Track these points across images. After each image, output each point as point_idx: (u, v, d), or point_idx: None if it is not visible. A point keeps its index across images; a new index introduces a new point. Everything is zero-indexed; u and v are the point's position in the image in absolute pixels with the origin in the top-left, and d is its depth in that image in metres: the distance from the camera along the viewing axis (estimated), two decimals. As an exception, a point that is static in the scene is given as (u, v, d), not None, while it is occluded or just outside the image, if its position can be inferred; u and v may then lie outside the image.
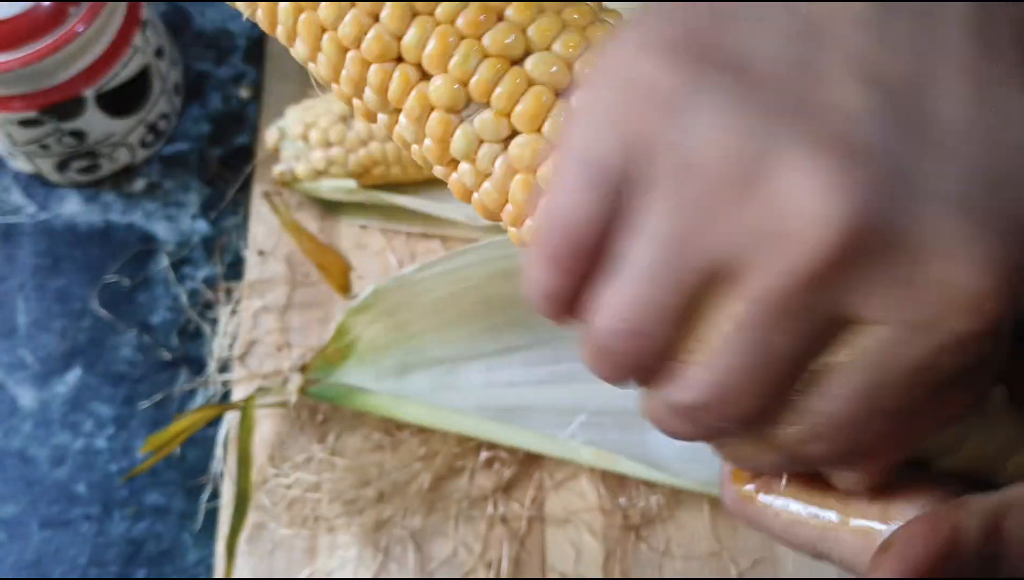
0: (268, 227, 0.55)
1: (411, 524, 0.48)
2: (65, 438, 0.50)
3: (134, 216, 0.56)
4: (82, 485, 0.50)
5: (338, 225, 0.55)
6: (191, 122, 0.58)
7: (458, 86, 0.25)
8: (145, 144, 0.56)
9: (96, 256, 0.55)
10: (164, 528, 0.49)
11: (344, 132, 0.51)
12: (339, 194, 0.53)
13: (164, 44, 0.56)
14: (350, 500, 0.48)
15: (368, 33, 0.25)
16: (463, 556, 0.47)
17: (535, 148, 0.24)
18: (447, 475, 0.49)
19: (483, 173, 0.25)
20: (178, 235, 0.55)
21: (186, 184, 0.57)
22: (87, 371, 0.52)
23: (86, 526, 0.49)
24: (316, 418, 0.50)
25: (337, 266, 0.53)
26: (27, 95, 0.49)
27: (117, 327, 0.53)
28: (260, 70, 0.59)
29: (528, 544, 0.48)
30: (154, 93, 0.55)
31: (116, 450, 0.50)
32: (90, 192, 0.56)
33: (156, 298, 0.54)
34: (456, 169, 0.26)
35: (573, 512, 0.48)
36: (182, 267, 0.54)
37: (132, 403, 0.51)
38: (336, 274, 0.53)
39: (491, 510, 0.48)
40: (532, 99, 0.24)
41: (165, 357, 0.52)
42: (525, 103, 0.24)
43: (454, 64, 0.24)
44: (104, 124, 0.53)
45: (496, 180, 0.25)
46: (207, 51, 0.60)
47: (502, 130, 0.25)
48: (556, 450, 0.47)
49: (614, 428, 0.48)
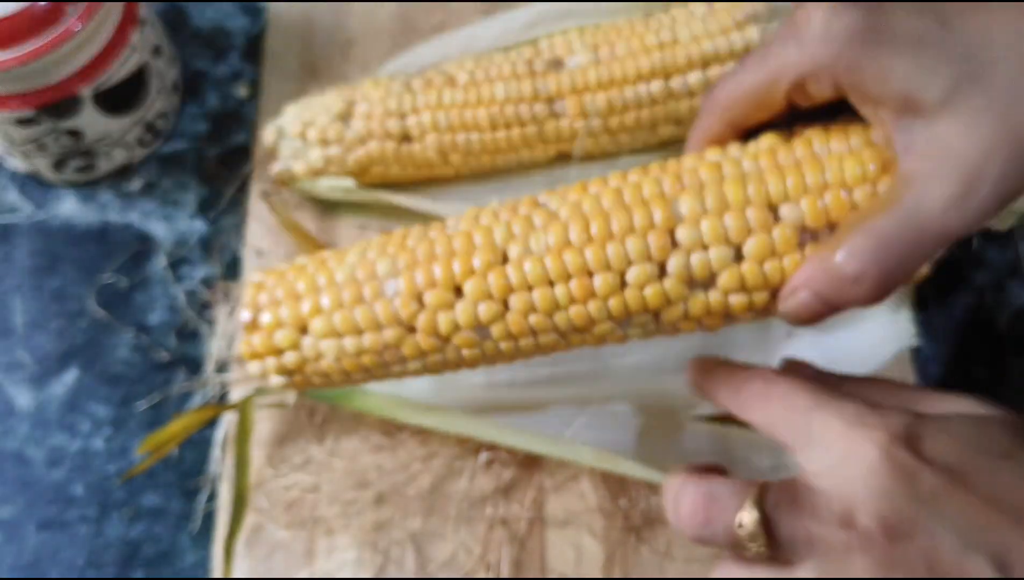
0: (266, 226, 0.54)
1: (410, 526, 0.48)
2: (62, 439, 0.50)
3: (131, 215, 0.55)
4: (79, 486, 0.49)
5: (336, 224, 0.55)
6: (189, 121, 0.58)
7: None
8: (142, 143, 0.56)
9: (93, 256, 0.54)
10: (162, 529, 0.49)
11: (342, 131, 0.51)
12: (337, 193, 0.53)
13: (161, 43, 0.56)
14: (349, 501, 0.48)
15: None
16: (463, 558, 0.47)
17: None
18: (446, 477, 0.49)
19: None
20: (175, 234, 0.55)
21: (184, 183, 0.56)
22: (84, 372, 0.52)
23: (83, 527, 0.49)
24: (315, 419, 0.50)
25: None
26: (24, 94, 0.49)
27: (114, 327, 0.53)
28: (258, 69, 0.59)
29: (528, 546, 0.47)
30: (151, 92, 0.55)
31: (113, 451, 0.50)
32: (87, 191, 0.56)
33: (153, 298, 0.53)
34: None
35: (573, 514, 0.48)
36: (180, 267, 0.54)
37: (129, 404, 0.51)
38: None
39: (491, 512, 0.48)
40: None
41: (163, 357, 0.52)
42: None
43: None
44: (101, 123, 0.53)
45: None
46: (205, 50, 0.60)
47: None
48: (557, 451, 0.47)
49: (615, 429, 0.48)
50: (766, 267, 0.35)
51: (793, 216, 0.35)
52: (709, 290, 0.36)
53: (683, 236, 0.35)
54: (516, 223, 0.37)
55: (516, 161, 0.53)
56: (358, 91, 0.52)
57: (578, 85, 0.50)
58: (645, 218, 0.35)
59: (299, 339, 0.40)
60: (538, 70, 0.51)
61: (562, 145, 0.52)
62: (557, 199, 0.38)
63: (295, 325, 0.40)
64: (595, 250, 0.36)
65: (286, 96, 0.57)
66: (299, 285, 0.40)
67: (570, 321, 0.37)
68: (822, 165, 0.35)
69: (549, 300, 0.37)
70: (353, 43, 0.59)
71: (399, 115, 0.51)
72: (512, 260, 0.37)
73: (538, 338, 0.38)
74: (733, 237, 0.35)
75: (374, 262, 0.39)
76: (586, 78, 0.50)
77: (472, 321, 0.38)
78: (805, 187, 0.35)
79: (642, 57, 0.50)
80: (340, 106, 0.51)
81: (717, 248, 0.35)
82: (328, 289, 0.39)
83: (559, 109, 0.51)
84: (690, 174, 0.36)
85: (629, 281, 0.36)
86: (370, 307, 0.38)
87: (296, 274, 0.41)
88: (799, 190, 0.35)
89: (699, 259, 0.35)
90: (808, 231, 0.35)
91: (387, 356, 0.39)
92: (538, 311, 0.37)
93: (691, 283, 0.36)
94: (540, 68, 0.51)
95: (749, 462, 0.47)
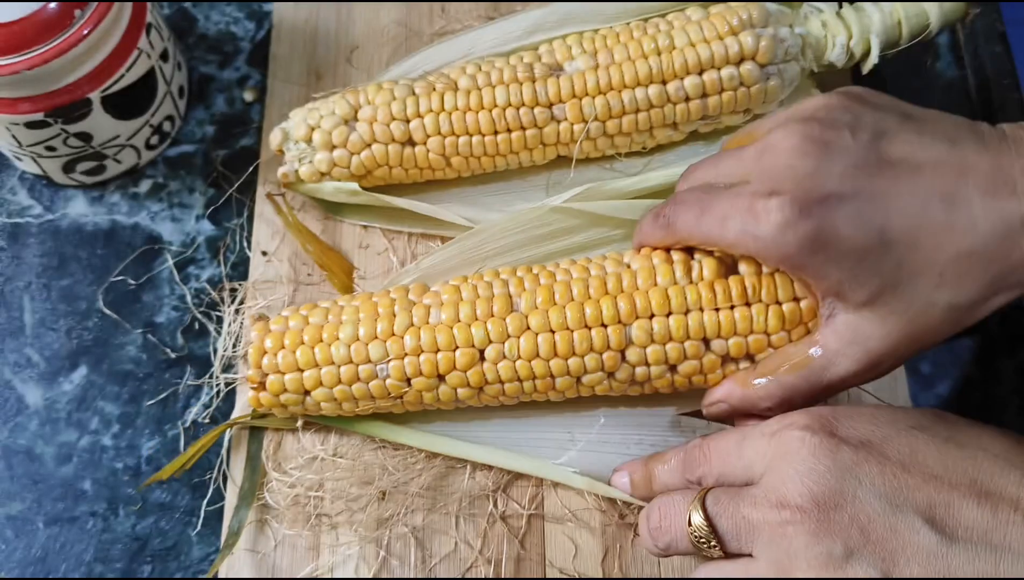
0: (271, 228, 0.55)
1: (412, 521, 0.48)
2: (71, 436, 0.51)
3: (139, 217, 0.56)
4: (88, 482, 0.50)
5: (340, 226, 0.55)
6: (196, 124, 0.59)
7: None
8: (150, 146, 0.57)
9: (102, 256, 0.55)
10: (169, 525, 0.49)
11: (347, 134, 0.52)
12: (341, 196, 0.54)
13: (169, 47, 0.56)
14: (352, 498, 0.48)
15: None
16: (464, 553, 0.48)
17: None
18: (447, 474, 0.49)
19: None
20: (183, 236, 0.56)
21: (191, 185, 0.57)
22: (93, 370, 0.52)
23: (92, 523, 0.49)
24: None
25: (340, 266, 0.54)
26: (33, 97, 0.50)
27: (122, 326, 0.53)
28: (264, 73, 0.60)
29: (527, 541, 0.48)
30: (159, 95, 0.55)
31: (121, 448, 0.51)
32: (96, 193, 0.57)
33: (161, 298, 0.54)
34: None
35: (572, 510, 0.48)
36: (187, 267, 0.55)
37: (137, 401, 0.52)
38: (339, 274, 0.54)
39: (491, 508, 0.48)
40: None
41: (170, 356, 0.53)
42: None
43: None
44: (110, 126, 0.53)
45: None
46: (212, 54, 0.61)
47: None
48: (550, 474, 0.48)
49: (605, 425, 0.49)
50: (692, 379, 0.46)
51: (720, 348, 0.45)
52: (644, 384, 0.46)
53: (632, 356, 0.45)
54: (492, 326, 0.45)
55: (516, 162, 0.54)
56: (362, 95, 0.53)
57: (577, 90, 0.51)
58: (602, 341, 0.44)
59: (302, 399, 0.47)
60: (538, 75, 0.51)
61: (561, 148, 0.53)
62: (527, 300, 0.45)
63: (298, 391, 0.46)
64: (559, 363, 0.45)
65: (292, 100, 0.58)
66: (299, 356, 0.46)
67: (531, 398, 0.47)
68: (750, 314, 0.44)
69: (517, 390, 0.46)
70: (357, 48, 0.60)
71: (403, 119, 0.51)
72: (488, 359, 0.45)
73: (503, 404, 0.48)
74: (671, 359, 0.45)
75: (367, 346, 0.45)
76: (585, 83, 0.51)
77: (451, 398, 0.46)
78: (734, 329, 0.44)
79: (639, 62, 0.51)
80: (344, 110, 0.52)
81: (657, 367, 0.45)
82: (326, 365, 0.46)
83: (558, 114, 0.52)
84: (642, 298, 0.44)
85: (583, 382, 0.46)
86: (365, 384, 0.46)
87: (294, 342, 0.46)
88: (729, 330, 0.44)
89: (642, 372, 0.45)
90: (731, 359, 0.45)
91: (376, 411, 0.48)
92: (507, 396, 0.46)
93: (631, 384, 0.46)
94: (540, 73, 0.51)
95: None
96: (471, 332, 0.45)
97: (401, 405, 0.47)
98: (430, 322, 0.45)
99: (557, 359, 0.45)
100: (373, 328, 0.46)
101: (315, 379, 0.46)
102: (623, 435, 0.49)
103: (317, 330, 0.46)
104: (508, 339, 0.45)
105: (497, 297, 0.46)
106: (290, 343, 0.46)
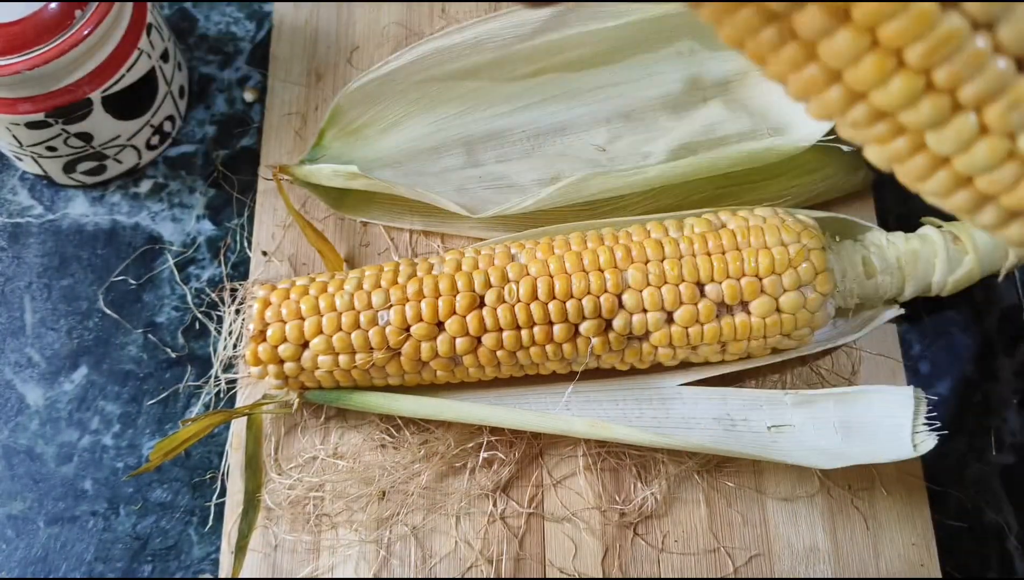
0: (272, 228, 0.55)
1: (412, 521, 0.48)
2: (72, 435, 0.51)
3: (140, 217, 0.56)
4: (89, 482, 0.50)
5: (341, 225, 0.55)
6: (196, 124, 0.59)
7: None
8: (151, 146, 0.57)
9: (102, 256, 0.55)
10: (170, 524, 0.49)
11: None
12: (339, 180, 0.53)
13: (170, 47, 0.56)
14: (352, 498, 0.49)
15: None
16: (464, 552, 0.48)
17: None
18: (447, 474, 0.49)
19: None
20: (183, 236, 0.56)
21: (191, 185, 0.57)
22: (93, 369, 0.53)
23: (92, 522, 0.49)
24: (319, 418, 0.50)
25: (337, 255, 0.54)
26: (34, 98, 0.50)
27: (123, 326, 0.53)
28: (264, 73, 0.60)
29: (527, 541, 0.48)
30: (160, 96, 0.55)
31: (122, 447, 0.51)
32: (96, 193, 0.57)
33: (162, 298, 0.54)
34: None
35: (571, 510, 0.48)
36: (187, 267, 0.55)
37: (138, 401, 0.52)
38: (337, 263, 0.53)
39: (490, 508, 0.48)
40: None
41: (170, 356, 0.53)
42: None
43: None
44: (110, 126, 0.54)
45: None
46: (212, 54, 0.61)
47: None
48: (551, 425, 0.47)
49: (604, 400, 0.49)
50: (690, 331, 0.46)
51: (715, 294, 0.45)
52: (643, 342, 0.46)
53: (628, 301, 0.45)
54: (492, 273, 0.46)
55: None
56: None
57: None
58: (599, 283, 0.45)
59: (300, 353, 0.46)
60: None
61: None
62: (528, 253, 0.47)
63: (297, 341, 0.46)
64: (557, 305, 0.45)
65: (292, 101, 0.58)
66: (302, 305, 0.46)
67: (529, 357, 0.46)
68: (741, 257, 0.45)
69: (515, 340, 0.46)
70: (357, 48, 0.60)
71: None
72: (488, 305, 0.45)
73: (500, 368, 0.47)
74: (668, 305, 0.45)
75: (370, 294, 0.46)
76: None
77: (449, 351, 0.46)
78: (727, 273, 0.45)
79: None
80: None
81: (654, 313, 0.45)
82: (328, 312, 0.46)
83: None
84: (638, 248, 0.46)
85: (581, 331, 0.46)
86: (364, 332, 0.46)
87: (299, 294, 0.47)
88: (722, 274, 0.45)
89: (639, 320, 0.45)
90: (725, 306, 0.45)
91: (372, 372, 0.47)
92: (504, 348, 0.46)
93: (629, 337, 0.46)
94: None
95: (749, 421, 0.48)
96: (471, 278, 0.46)
97: (398, 365, 0.46)
98: (432, 273, 0.47)
99: (556, 301, 0.45)
100: (377, 279, 0.47)
101: (315, 326, 0.46)
102: (622, 411, 0.49)
103: (322, 284, 0.47)
104: (507, 284, 0.46)
105: (498, 253, 0.47)
106: (295, 294, 0.47)
